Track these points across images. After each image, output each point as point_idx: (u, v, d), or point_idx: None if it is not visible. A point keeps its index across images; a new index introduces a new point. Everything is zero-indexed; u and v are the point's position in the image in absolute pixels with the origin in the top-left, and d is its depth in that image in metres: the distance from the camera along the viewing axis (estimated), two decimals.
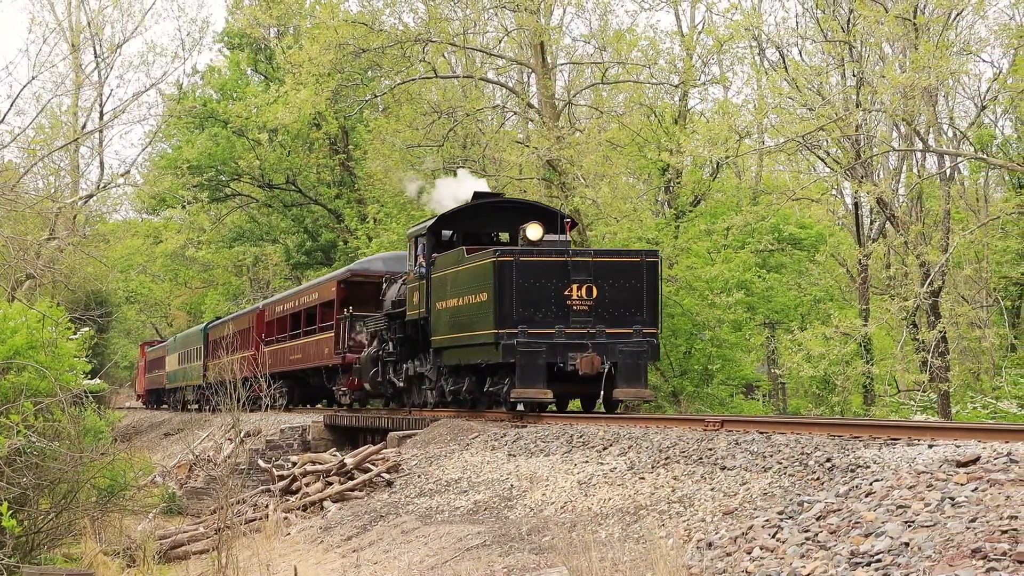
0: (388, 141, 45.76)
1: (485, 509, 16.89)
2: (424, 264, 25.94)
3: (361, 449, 24.15)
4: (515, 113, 46.01)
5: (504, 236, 26.64)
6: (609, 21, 43.67)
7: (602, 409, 23.56)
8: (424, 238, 26.33)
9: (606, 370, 21.81)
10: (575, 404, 27.51)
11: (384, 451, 23.30)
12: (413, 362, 27.89)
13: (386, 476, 21.60)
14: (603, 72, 41.91)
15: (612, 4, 52.50)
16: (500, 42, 42.96)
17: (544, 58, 40.57)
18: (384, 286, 30.44)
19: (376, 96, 46.29)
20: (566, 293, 22.14)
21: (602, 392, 22.15)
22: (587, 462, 16.85)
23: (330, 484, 22.50)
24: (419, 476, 20.83)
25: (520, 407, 23.24)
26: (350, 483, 21.87)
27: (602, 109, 42.52)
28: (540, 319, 22.01)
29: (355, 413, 33.82)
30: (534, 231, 23.23)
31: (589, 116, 44.06)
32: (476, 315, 22.96)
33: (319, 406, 40.78)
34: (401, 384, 28.63)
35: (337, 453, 25.89)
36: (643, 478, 14.85)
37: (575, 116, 44.97)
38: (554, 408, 24.17)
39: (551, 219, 24.46)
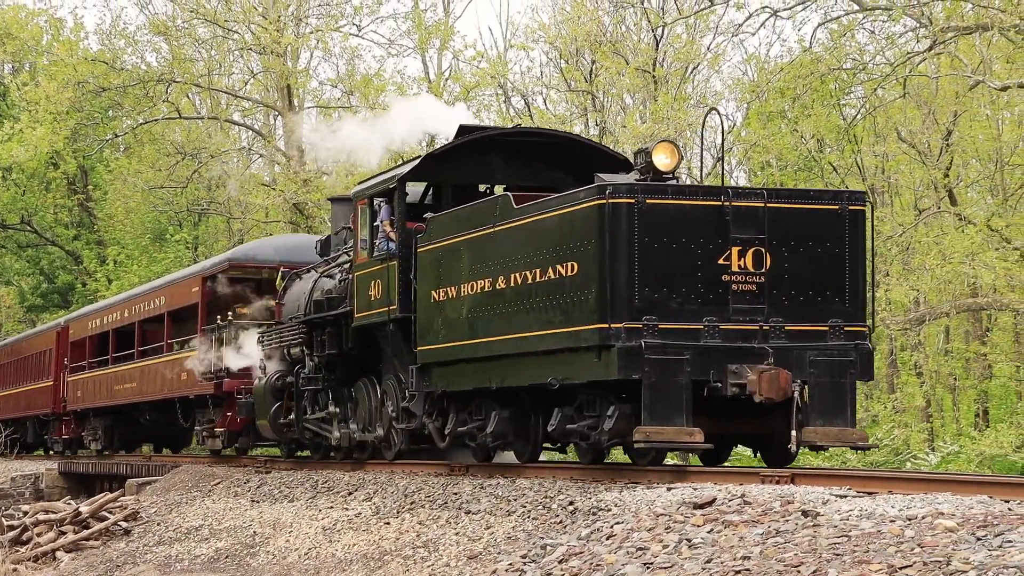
0: (130, 182, 44.90)
1: (227, 556, 16.59)
2: (395, 236, 17.19)
3: (98, 497, 23.52)
4: (261, 156, 45.60)
5: (500, 192, 17.44)
6: (356, 66, 43.64)
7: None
8: (394, 196, 17.45)
9: (796, 395, 13.23)
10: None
11: (122, 498, 22.74)
12: (360, 392, 19.19)
13: (124, 524, 21.05)
14: (351, 116, 41.88)
15: (359, 49, 52.58)
16: (246, 84, 42.60)
17: (291, 101, 40.37)
18: (282, 283, 22.31)
19: (117, 136, 45.28)
20: (722, 262, 13.45)
21: (794, 433, 13.30)
22: (332, 507, 16.72)
23: (64, 534, 21.77)
24: (159, 524, 20.36)
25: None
26: (85, 532, 21.22)
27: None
28: (678, 306, 13.33)
29: (93, 459, 32.69)
30: (665, 157, 13.74)
31: (337, 160, 43.91)
32: (548, 301, 14.08)
33: (138, 453, 32.92)
34: (335, 429, 19.53)
35: (72, 501, 25.12)
36: (388, 523, 14.80)
37: (322, 159, 44.75)
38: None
39: (604, 160, 16.51)
